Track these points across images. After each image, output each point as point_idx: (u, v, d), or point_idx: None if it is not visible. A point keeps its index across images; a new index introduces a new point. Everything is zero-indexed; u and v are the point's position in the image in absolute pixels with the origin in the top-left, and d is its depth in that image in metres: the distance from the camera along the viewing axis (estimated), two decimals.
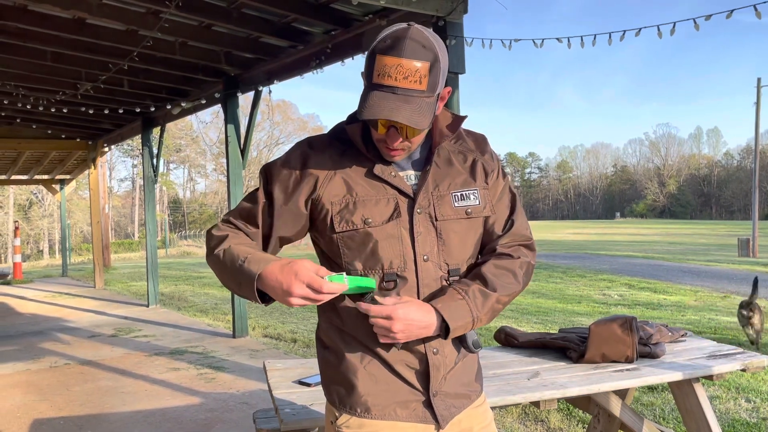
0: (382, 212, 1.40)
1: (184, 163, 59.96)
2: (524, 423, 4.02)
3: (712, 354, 2.87)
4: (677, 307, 9.65)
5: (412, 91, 1.29)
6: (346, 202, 1.40)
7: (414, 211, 1.41)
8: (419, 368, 1.43)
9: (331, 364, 1.48)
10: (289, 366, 2.82)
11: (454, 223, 1.44)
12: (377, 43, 1.31)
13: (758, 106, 26.35)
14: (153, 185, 9.99)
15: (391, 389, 1.42)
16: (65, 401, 4.92)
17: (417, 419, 1.44)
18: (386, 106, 1.28)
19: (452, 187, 1.45)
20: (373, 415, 1.42)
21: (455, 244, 1.44)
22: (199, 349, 6.64)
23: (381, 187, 1.41)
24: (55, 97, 7.67)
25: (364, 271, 1.41)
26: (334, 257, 1.45)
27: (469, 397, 1.51)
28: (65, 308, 10.08)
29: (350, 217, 1.39)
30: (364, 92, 1.32)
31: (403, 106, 1.28)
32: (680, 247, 27.27)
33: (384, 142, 1.38)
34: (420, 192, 1.42)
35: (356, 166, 1.43)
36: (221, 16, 5.23)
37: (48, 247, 43.41)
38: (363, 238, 1.39)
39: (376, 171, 1.42)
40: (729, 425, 3.88)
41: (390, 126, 1.33)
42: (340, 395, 1.46)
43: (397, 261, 1.40)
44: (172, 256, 28.65)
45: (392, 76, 1.28)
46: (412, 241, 1.40)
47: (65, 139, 11.67)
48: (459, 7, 4.21)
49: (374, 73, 1.30)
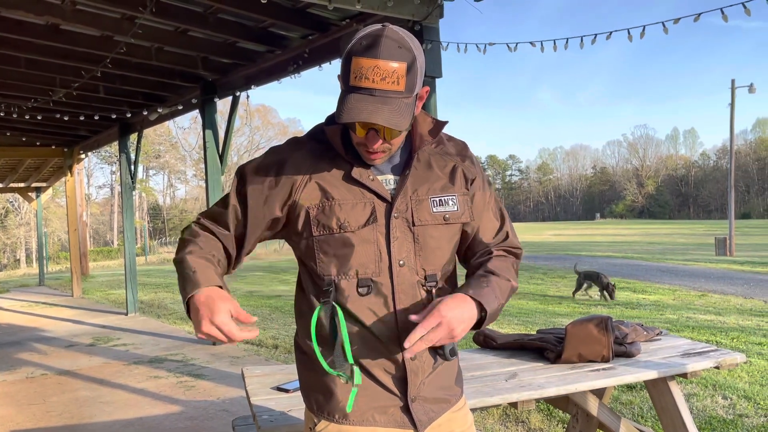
0: (358, 217, 1.38)
1: (164, 169, 59.45)
2: (505, 424, 4.03)
3: (687, 352, 2.91)
4: (656, 306, 9.77)
5: (390, 92, 1.27)
6: (323, 206, 1.38)
7: (391, 216, 1.39)
8: (396, 373, 1.41)
9: (310, 370, 1.48)
10: (267, 372, 2.81)
11: (431, 229, 1.42)
12: (353, 45, 1.29)
13: (733, 107, 26.80)
14: (131, 192, 9.89)
15: (369, 395, 1.41)
16: (42, 412, 4.84)
17: (395, 424, 1.43)
18: (364, 108, 1.26)
19: (431, 192, 1.43)
20: (351, 421, 1.41)
21: (432, 249, 1.42)
22: (179, 357, 6.58)
23: (358, 191, 1.39)
24: (28, 104, 7.57)
25: (339, 277, 1.38)
26: (308, 262, 1.43)
27: (448, 401, 1.50)
28: (42, 318, 9.93)
29: (326, 222, 1.38)
30: (341, 95, 1.30)
31: (381, 108, 1.26)
32: (659, 247, 27.61)
33: (364, 145, 1.36)
34: (398, 196, 1.40)
35: (334, 169, 1.41)
36: (197, 21, 5.20)
37: (25, 256, 42.74)
38: (339, 242, 1.38)
39: (354, 174, 1.40)
40: (706, 422, 3.93)
41: (369, 128, 1.32)
42: (319, 401, 1.45)
43: (371, 266, 1.38)
44: (152, 263, 28.36)
45: (369, 78, 1.26)
46: (388, 246, 1.38)
47: (40, 146, 11.52)
48: (435, 12, 4.23)
49: (351, 76, 1.27)
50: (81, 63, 6.15)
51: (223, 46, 5.97)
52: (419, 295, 1.41)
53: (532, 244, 31.63)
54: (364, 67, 1.26)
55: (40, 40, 5.53)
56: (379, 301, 1.38)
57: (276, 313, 9.24)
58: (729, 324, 7.69)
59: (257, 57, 6.12)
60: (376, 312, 1.39)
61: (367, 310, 1.39)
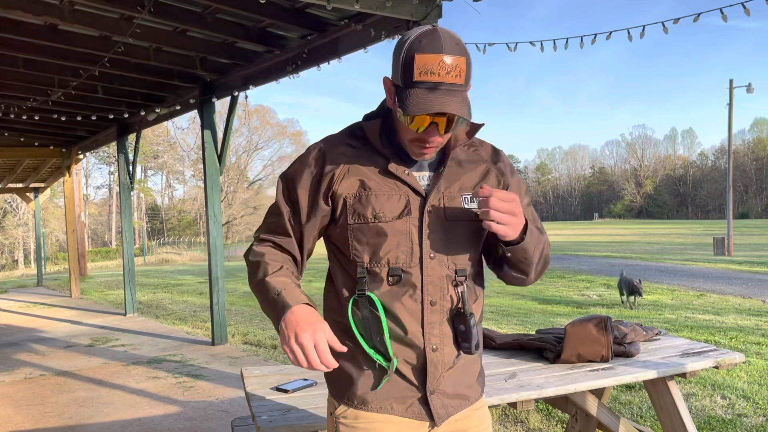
0: (393, 208, 1.43)
1: (162, 170, 59.37)
2: (504, 424, 4.03)
3: (686, 352, 2.91)
4: (654, 306, 9.78)
5: (454, 85, 1.33)
6: (359, 195, 1.44)
7: (425, 210, 1.44)
8: (417, 365, 1.45)
9: (336, 358, 1.52)
10: (266, 373, 2.80)
11: (463, 225, 1.47)
12: (411, 44, 1.34)
13: (731, 107, 26.82)
14: (129, 192, 9.88)
15: (389, 384, 1.46)
16: (41, 413, 4.83)
17: (412, 415, 1.47)
18: (435, 100, 1.31)
19: (463, 190, 1.49)
20: (370, 408, 1.47)
21: (462, 245, 1.47)
22: (178, 357, 6.57)
23: (394, 184, 1.45)
24: (26, 104, 7.55)
25: (371, 265, 1.44)
26: (343, 249, 1.48)
27: (467, 398, 1.53)
28: (40, 318, 9.91)
29: (362, 211, 1.43)
30: (402, 92, 1.35)
31: (450, 100, 1.32)
32: (657, 247, 27.63)
33: (418, 141, 1.40)
34: (432, 192, 1.45)
35: (371, 163, 1.47)
36: (196, 21, 5.19)
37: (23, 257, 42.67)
38: (373, 231, 1.43)
39: (391, 168, 1.45)
40: (705, 422, 3.93)
41: (430, 122, 1.36)
42: (340, 387, 1.51)
43: (403, 257, 1.43)
44: (150, 263, 28.34)
45: (435, 73, 1.31)
46: (420, 239, 1.43)
47: (39, 146, 11.50)
48: (433, 12, 4.23)
49: (415, 72, 1.32)
50: (79, 63, 6.14)
51: (221, 46, 5.96)
52: (447, 289, 1.45)
53: None
54: (429, 63, 1.32)
55: (38, 40, 5.52)
56: (408, 292, 1.43)
57: None
58: (727, 324, 7.70)
59: (256, 57, 6.11)
60: (403, 302, 1.43)
61: (394, 299, 1.43)
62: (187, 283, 15.05)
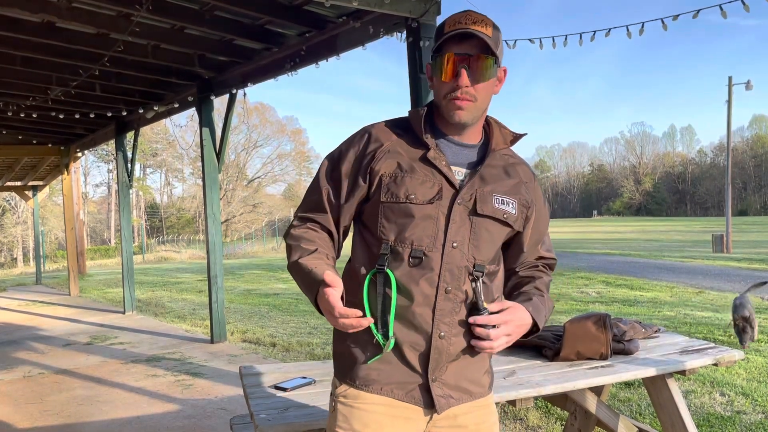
0: (425, 193, 1.48)
1: (161, 168, 59.32)
2: (503, 422, 4.03)
3: (685, 349, 2.91)
4: (653, 303, 9.78)
5: (482, 33, 1.44)
6: (395, 175, 1.50)
7: (455, 201, 1.49)
8: (421, 350, 1.48)
9: (341, 338, 1.57)
10: (265, 371, 2.80)
11: (489, 223, 1.52)
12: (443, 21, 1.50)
13: (730, 104, 26.81)
14: (128, 190, 9.87)
15: (392, 368, 1.49)
16: (39, 412, 4.83)
17: (412, 401, 1.49)
18: (462, 32, 1.43)
19: (495, 191, 1.54)
20: (371, 390, 1.50)
21: (485, 242, 1.52)
22: (177, 355, 6.57)
23: (430, 171, 1.50)
24: (25, 103, 7.54)
25: (395, 243, 1.49)
26: (371, 226, 1.54)
27: (470, 393, 1.55)
28: (39, 317, 9.90)
29: (396, 190, 1.49)
30: (435, 53, 1.49)
31: (477, 35, 1.43)
32: (656, 244, 27.65)
33: (451, 93, 1.47)
34: (465, 186, 1.50)
35: (411, 149, 1.53)
36: (193, 18, 5.18)
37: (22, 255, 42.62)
38: (402, 211, 1.48)
39: (429, 156, 1.51)
40: (704, 419, 3.93)
41: (461, 66, 1.44)
42: (344, 367, 1.55)
43: (426, 240, 1.47)
44: (149, 261, 28.34)
45: (462, 22, 1.45)
46: (446, 227, 1.48)
47: (37, 144, 11.48)
48: (432, 9, 4.22)
49: (445, 27, 1.46)
50: (77, 61, 6.13)
51: (219, 43, 5.95)
52: (464, 280, 1.49)
53: None
54: (456, 17, 1.47)
55: (36, 38, 5.51)
56: (425, 275, 1.47)
57: (274, 312, 9.24)
58: (726, 321, 7.69)
59: (254, 54, 6.10)
60: (420, 285, 1.47)
61: (411, 281, 1.47)
62: (186, 281, 15.05)
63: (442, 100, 1.51)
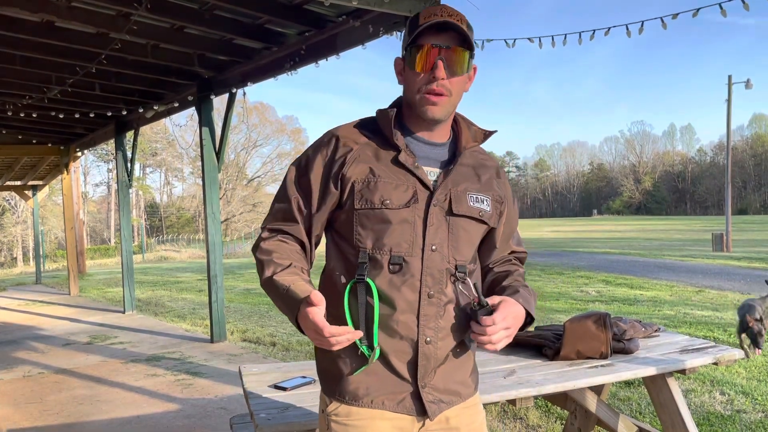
0: (400, 197, 1.44)
1: (161, 167, 59.31)
2: (503, 421, 4.03)
3: (685, 348, 2.91)
4: (653, 302, 9.78)
5: (457, 26, 1.41)
6: (368, 181, 1.45)
7: (431, 204, 1.46)
8: (409, 357, 1.45)
9: (326, 354, 1.52)
10: (264, 370, 2.80)
11: (466, 222, 1.50)
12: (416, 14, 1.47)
13: (729, 102, 26.80)
14: (127, 190, 9.86)
15: (380, 379, 1.46)
16: (39, 411, 4.83)
17: (404, 410, 1.47)
18: (438, 24, 1.39)
19: (469, 190, 1.52)
20: (362, 404, 1.46)
21: (464, 242, 1.50)
22: (177, 354, 6.56)
23: (403, 174, 1.46)
24: (24, 102, 7.53)
25: (373, 251, 1.44)
26: (346, 235, 1.49)
27: (459, 394, 1.53)
28: (39, 316, 9.90)
29: (370, 196, 1.44)
30: (409, 47, 1.44)
31: (453, 26, 1.40)
32: (656, 243, 27.65)
33: (425, 86, 1.43)
34: (439, 187, 1.47)
35: (382, 152, 1.49)
36: (193, 18, 5.17)
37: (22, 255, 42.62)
38: (378, 218, 1.44)
39: (401, 158, 1.47)
40: (704, 418, 3.93)
41: (436, 58, 1.41)
42: (331, 383, 1.51)
43: (405, 246, 1.44)
44: (149, 261, 28.34)
45: (438, 14, 1.41)
46: (424, 230, 1.45)
47: (36, 144, 11.47)
48: None
49: (420, 20, 1.42)
50: (76, 60, 6.12)
51: (219, 43, 5.94)
52: (446, 283, 1.47)
53: (529, 241, 31.65)
54: (430, 9, 1.43)
55: (35, 37, 5.50)
56: (407, 281, 1.44)
57: (274, 311, 9.24)
58: (726, 320, 7.70)
59: (253, 54, 6.09)
60: (402, 291, 1.44)
61: (393, 288, 1.44)
62: (185, 280, 15.04)
63: (415, 95, 1.46)
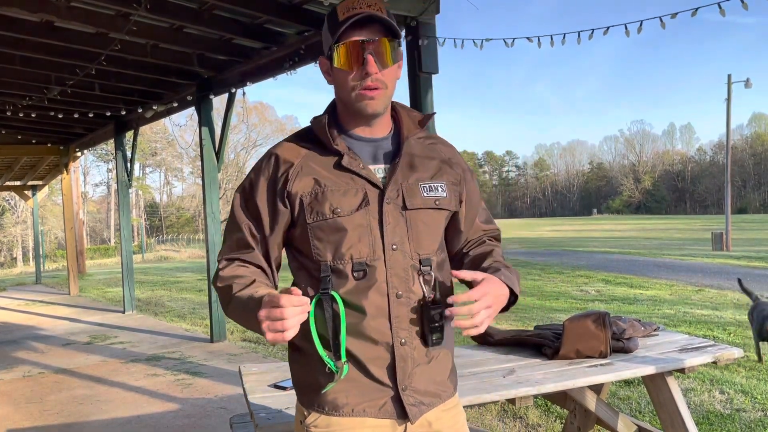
0: (350, 202, 1.40)
1: (161, 167, 59.31)
2: (503, 420, 4.04)
3: (684, 347, 2.91)
4: (653, 301, 9.78)
5: (379, 16, 1.36)
6: (315, 193, 1.41)
7: (383, 202, 1.41)
8: (386, 362, 1.42)
9: (300, 364, 1.49)
10: (264, 370, 2.80)
11: (423, 213, 1.45)
12: (333, 9, 1.42)
13: (729, 101, 26.82)
14: (127, 190, 9.87)
15: (359, 387, 1.42)
16: (39, 411, 4.83)
17: (386, 415, 1.43)
18: (360, 16, 1.35)
19: (420, 179, 1.47)
20: (342, 413, 1.43)
21: (425, 234, 1.45)
22: (177, 354, 6.57)
23: (349, 178, 1.42)
24: (23, 102, 7.53)
25: (334, 262, 1.40)
26: (305, 250, 1.45)
27: (439, 396, 1.50)
28: (39, 316, 9.90)
29: (320, 208, 1.40)
30: (333, 46, 1.39)
31: (375, 16, 1.35)
32: (656, 242, 27.66)
33: (359, 82, 1.39)
34: (389, 184, 1.43)
35: (324, 160, 1.44)
36: (192, 17, 5.17)
37: (22, 255, 42.62)
38: (332, 228, 1.40)
39: (344, 163, 1.42)
40: (703, 417, 3.93)
41: (365, 53, 1.36)
42: (310, 395, 1.47)
43: (365, 250, 1.40)
44: (149, 261, 28.33)
45: (356, 7, 1.36)
46: (381, 231, 1.41)
47: (36, 144, 11.47)
48: (431, 8, 4.22)
49: (339, 15, 1.37)
50: (76, 60, 6.12)
51: (218, 42, 5.94)
52: (413, 281, 1.43)
53: (529, 240, 31.66)
54: (348, 4, 1.37)
55: (35, 37, 5.50)
56: (373, 285, 1.40)
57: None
58: (726, 319, 7.71)
59: (253, 54, 6.10)
60: (369, 297, 1.40)
61: (361, 295, 1.40)
62: (185, 280, 15.04)
63: (349, 94, 1.41)
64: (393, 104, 1.52)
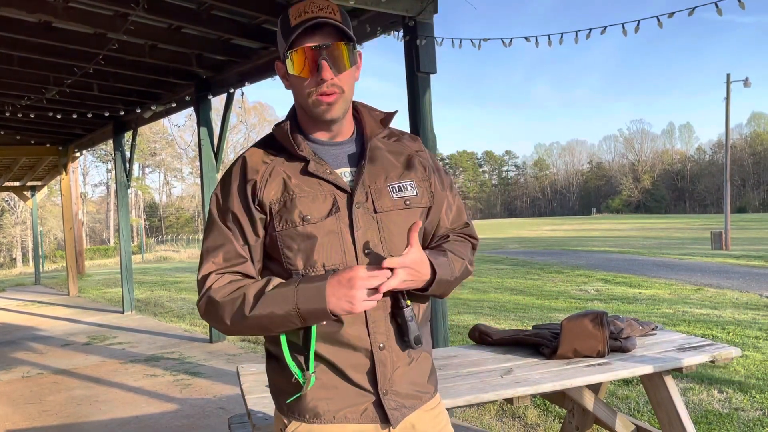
0: (320, 209, 1.38)
1: (160, 167, 59.32)
2: (501, 420, 4.04)
3: (682, 346, 2.91)
4: (652, 300, 9.79)
5: (333, 19, 1.35)
6: (284, 200, 1.39)
7: (353, 207, 1.39)
8: (366, 367, 1.41)
9: (278, 373, 1.47)
10: (262, 370, 2.80)
11: (393, 215, 1.43)
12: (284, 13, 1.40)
13: (728, 101, 26.84)
14: (126, 190, 9.86)
15: (339, 393, 1.41)
16: (38, 412, 4.83)
17: (367, 420, 1.42)
18: (312, 17, 1.33)
19: (389, 180, 1.45)
20: (323, 420, 1.41)
21: (398, 235, 1.43)
22: (176, 355, 6.57)
23: (317, 184, 1.40)
24: (21, 102, 7.53)
25: (306, 270, 1.38)
26: (276, 259, 1.43)
27: (420, 398, 1.49)
28: (38, 317, 9.90)
29: (289, 216, 1.38)
30: (287, 44, 1.36)
31: (328, 21, 1.33)
32: (655, 242, 27.68)
33: (315, 88, 1.36)
34: (357, 187, 1.41)
35: (291, 167, 1.42)
36: (191, 18, 5.17)
37: (21, 255, 42.61)
38: (302, 235, 1.38)
39: (311, 168, 1.40)
40: (702, 416, 3.94)
41: (319, 58, 1.34)
42: (289, 403, 1.44)
43: (337, 257, 1.38)
44: (148, 261, 28.33)
45: (308, 12, 1.34)
46: (352, 236, 1.38)
47: (35, 144, 11.47)
48: (429, 8, 4.22)
49: (291, 20, 1.35)
50: (74, 61, 6.12)
51: (217, 42, 5.94)
52: None
53: (528, 240, 31.67)
54: (300, 7, 1.35)
55: (33, 37, 5.50)
56: None
57: None
58: (725, 318, 7.71)
59: (251, 54, 6.10)
60: None
61: None
62: (185, 280, 15.04)
63: (306, 100, 1.39)
64: (355, 104, 1.51)
